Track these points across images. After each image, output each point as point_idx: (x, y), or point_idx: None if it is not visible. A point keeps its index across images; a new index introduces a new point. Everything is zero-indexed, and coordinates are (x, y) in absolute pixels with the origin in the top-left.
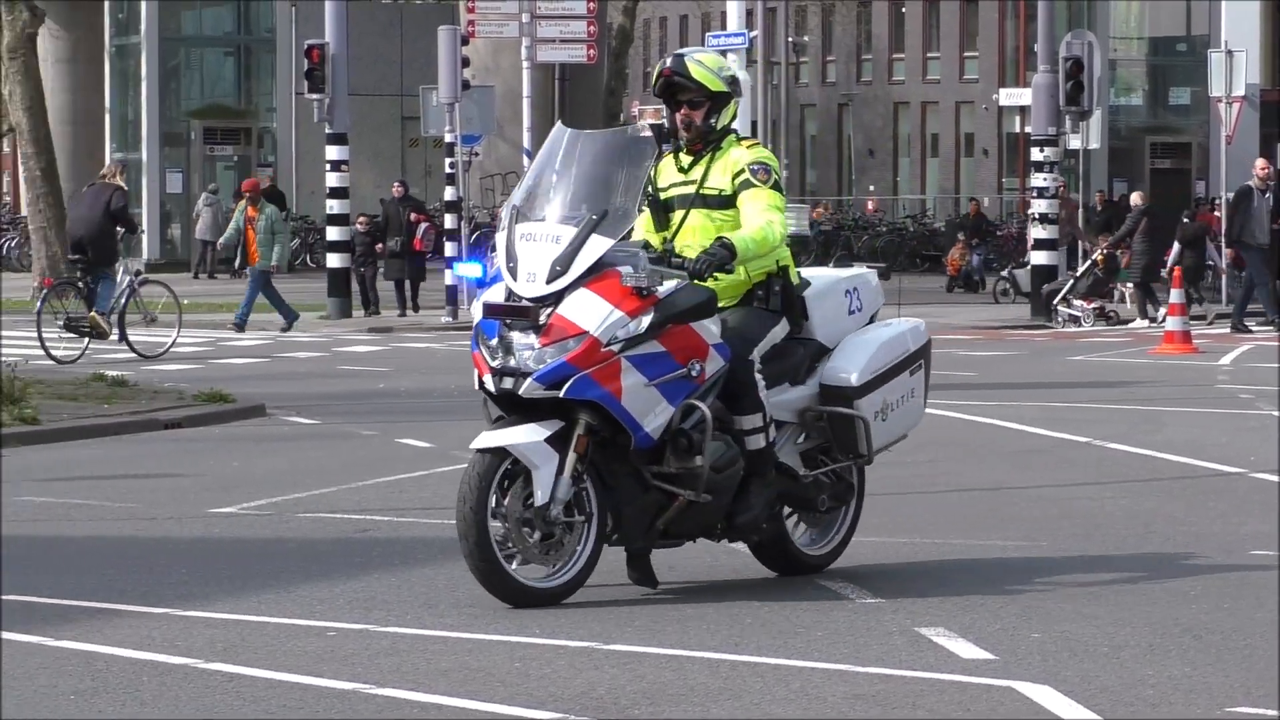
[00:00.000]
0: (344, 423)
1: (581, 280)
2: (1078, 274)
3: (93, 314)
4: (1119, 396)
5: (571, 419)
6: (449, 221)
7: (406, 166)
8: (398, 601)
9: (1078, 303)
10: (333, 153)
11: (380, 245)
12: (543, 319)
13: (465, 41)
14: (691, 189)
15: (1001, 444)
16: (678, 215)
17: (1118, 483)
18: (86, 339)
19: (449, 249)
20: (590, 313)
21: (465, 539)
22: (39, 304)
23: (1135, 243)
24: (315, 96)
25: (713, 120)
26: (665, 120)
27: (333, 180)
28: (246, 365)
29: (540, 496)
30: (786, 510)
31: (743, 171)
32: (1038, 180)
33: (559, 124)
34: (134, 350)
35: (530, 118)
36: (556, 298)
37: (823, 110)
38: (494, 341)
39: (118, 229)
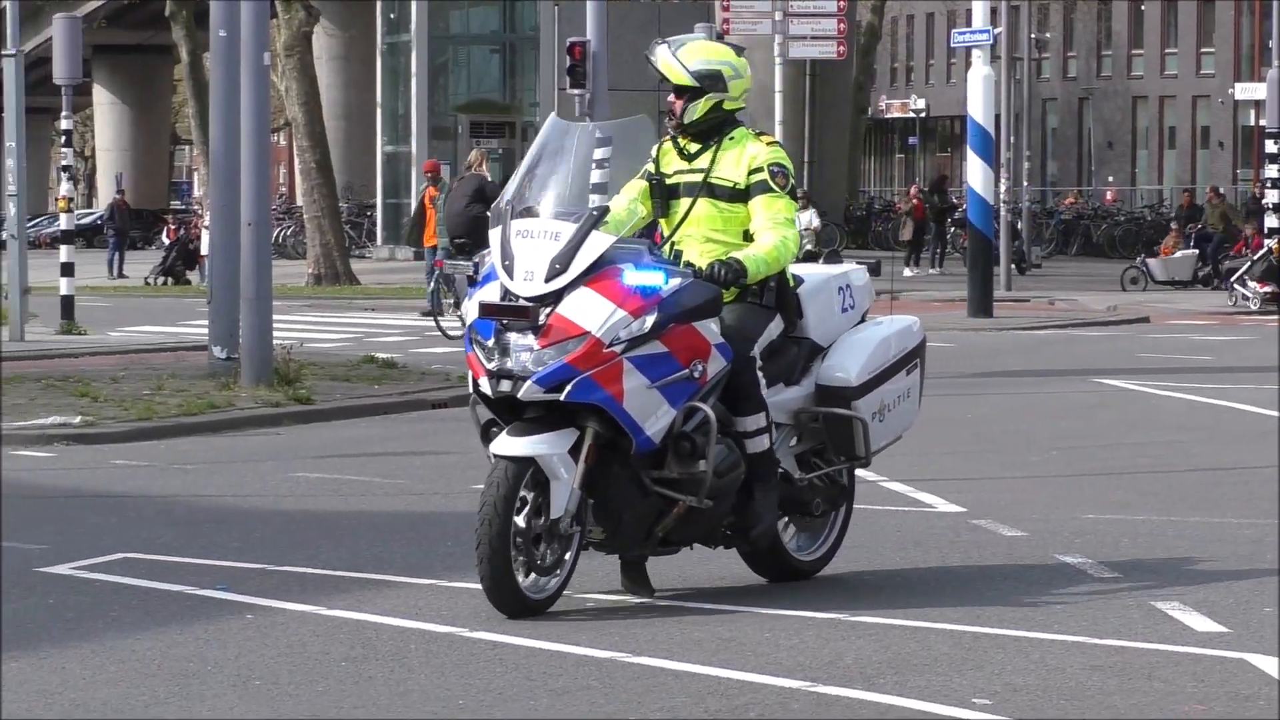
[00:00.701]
0: None
1: (582, 279)
2: (1254, 258)
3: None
4: None
5: (580, 425)
6: None
7: None
8: (652, 574)
9: (1251, 284)
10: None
11: None
12: (542, 319)
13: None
14: (699, 177)
15: (1238, 426)
16: (684, 203)
17: None
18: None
19: None
20: (591, 312)
21: (486, 559)
22: (431, 285)
23: None
24: (576, 92)
25: (690, 113)
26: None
27: (595, 176)
28: None
29: (556, 509)
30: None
31: (761, 170)
32: (1271, 172)
33: (552, 116)
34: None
35: (782, 112)
36: (556, 297)
37: (1064, 104)
38: (490, 342)
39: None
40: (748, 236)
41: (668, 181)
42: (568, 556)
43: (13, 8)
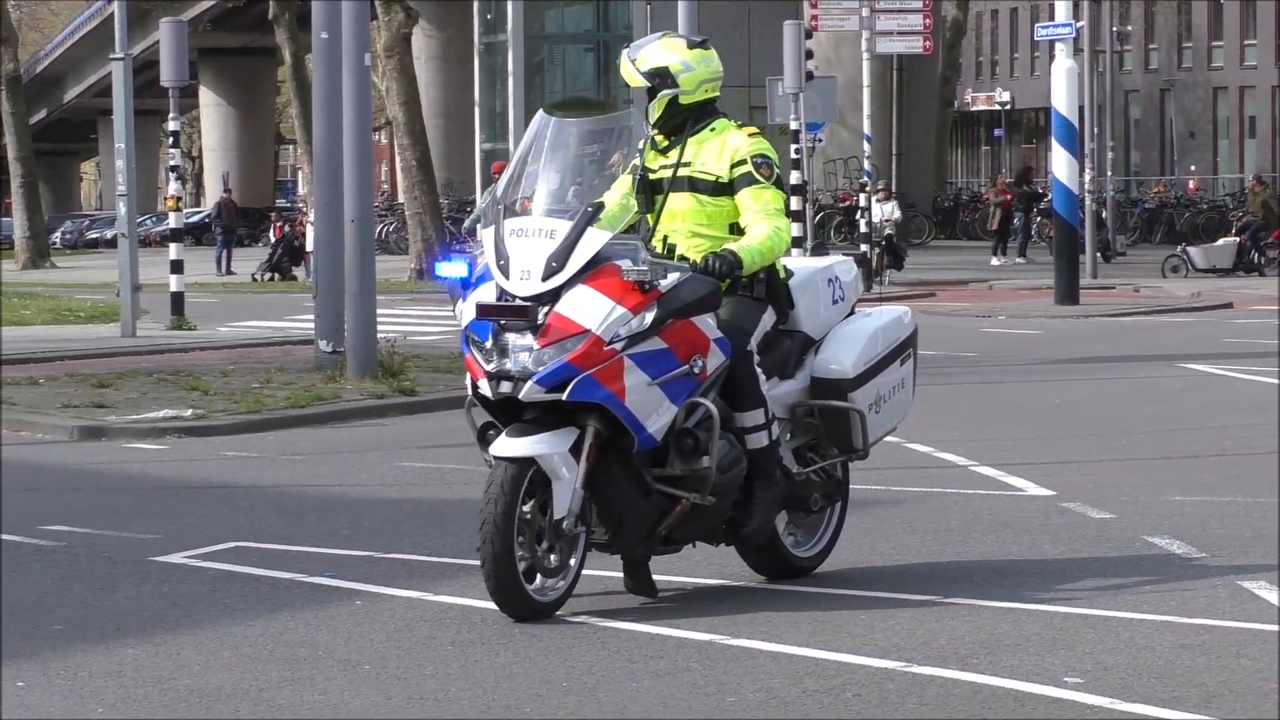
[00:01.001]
0: None
1: (579, 276)
2: None
3: None
4: None
5: (580, 425)
6: (794, 203)
7: None
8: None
9: None
10: None
11: None
12: (540, 318)
13: (809, 35)
14: (670, 170)
15: None
16: (660, 198)
17: None
18: None
19: (794, 229)
20: (591, 310)
21: (489, 543)
22: None
23: None
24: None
25: (647, 110)
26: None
27: None
28: None
29: (559, 509)
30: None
31: (744, 162)
32: None
33: (540, 112)
34: None
35: (870, 106)
36: (554, 295)
37: (1145, 95)
38: (488, 344)
39: None
40: (734, 230)
41: (650, 177)
42: (573, 559)
43: (120, 13)
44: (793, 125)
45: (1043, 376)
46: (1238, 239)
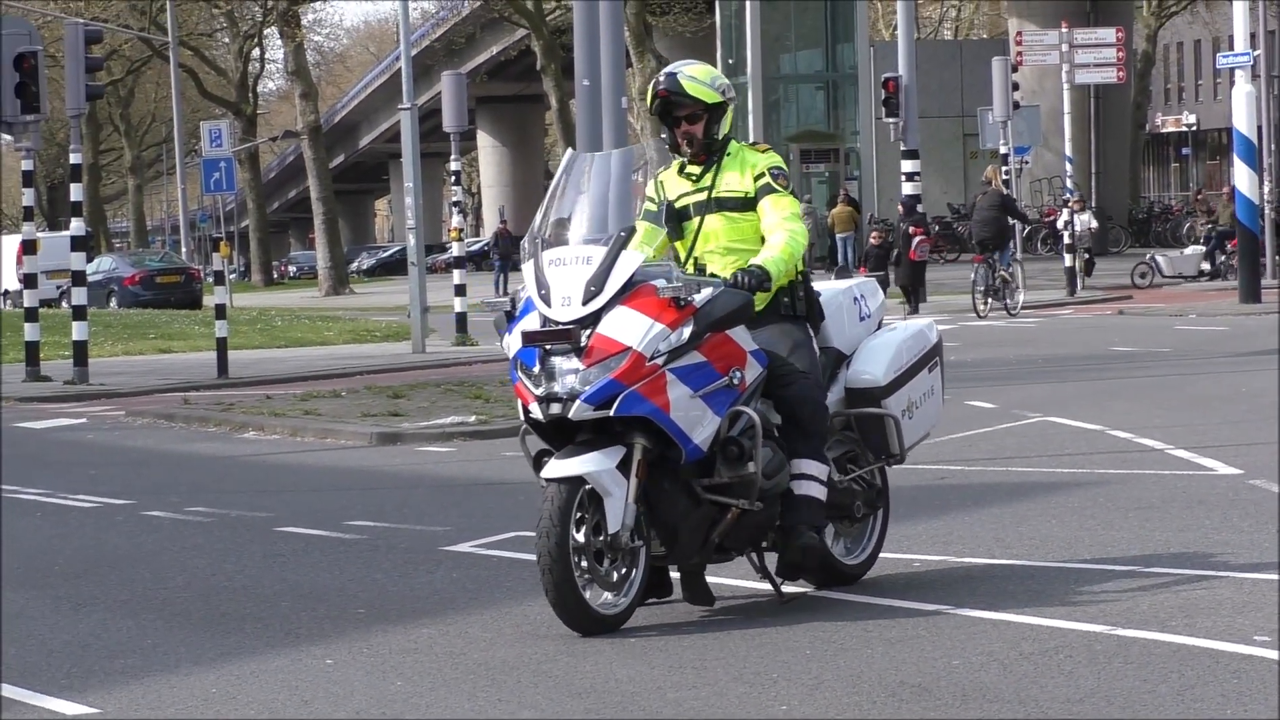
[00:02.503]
0: None
1: (617, 298)
2: None
3: (1001, 274)
4: None
5: (628, 443)
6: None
7: (968, 176)
8: (971, 536)
9: None
10: (907, 166)
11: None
12: (584, 340)
13: (1014, 69)
14: (704, 195)
15: None
16: (694, 222)
17: None
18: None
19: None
20: (631, 328)
21: (548, 573)
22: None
23: None
24: (891, 120)
25: (714, 130)
26: (666, 137)
27: (907, 189)
28: None
29: (612, 524)
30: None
31: (763, 175)
32: None
33: (569, 150)
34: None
35: (1070, 130)
36: (595, 318)
37: None
38: (536, 369)
39: (1010, 220)
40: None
41: (676, 205)
42: (635, 572)
43: (407, 68)
44: (1002, 149)
45: (1230, 368)
46: (1202, 248)
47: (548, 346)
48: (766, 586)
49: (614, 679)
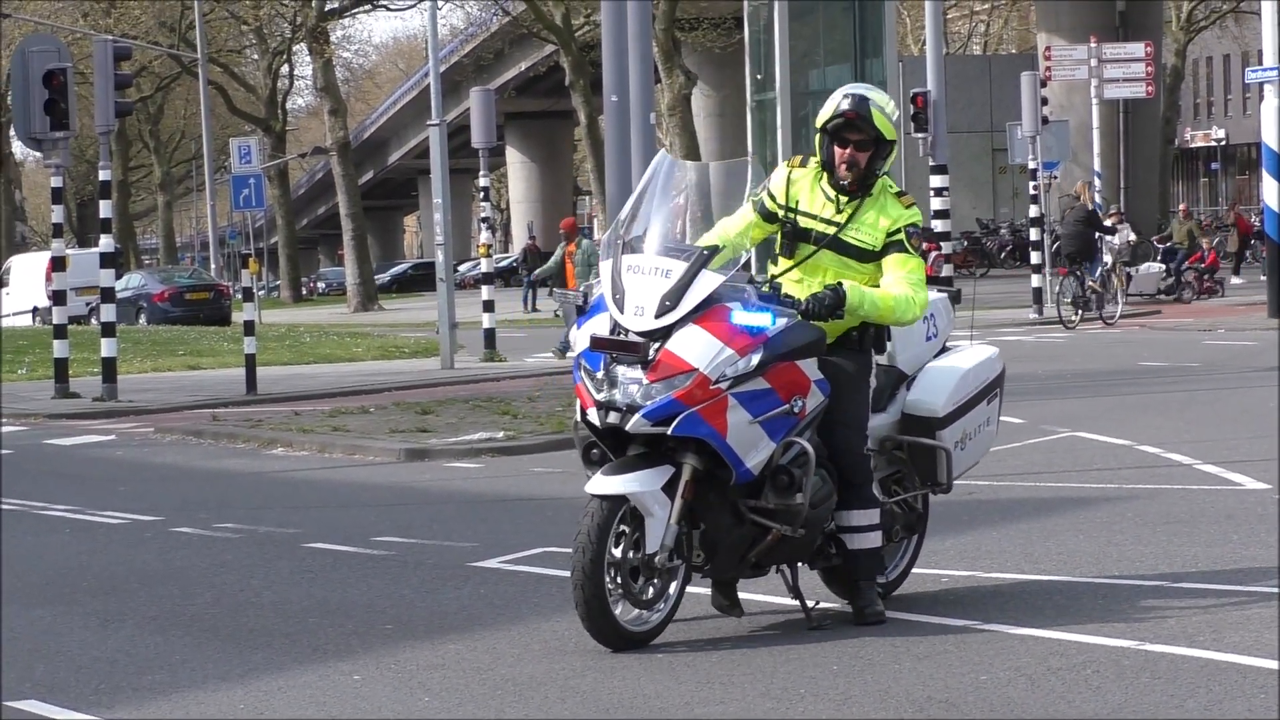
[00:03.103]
0: None
1: (691, 316)
2: None
3: (1091, 285)
4: None
5: (677, 462)
6: (1033, 234)
7: (997, 190)
8: (999, 552)
9: None
10: (936, 181)
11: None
12: (651, 354)
13: (1043, 84)
14: (832, 230)
15: None
16: (808, 250)
17: None
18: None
19: (1034, 258)
20: (700, 350)
21: (580, 589)
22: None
23: None
24: (921, 135)
25: (877, 166)
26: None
27: (936, 204)
28: None
29: (651, 544)
30: None
31: (899, 231)
32: None
33: (661, 152)
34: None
35: (1099, 145)
36: (665, 333)
37: None
38: (599, 374)
39: (1095, 233)
40: None
41: (801, 223)
42: (671, 589)
43: (435, 84)
44: (1030, 165)
45: (1259, 382)
46: (1161, 266)
47: (613, 354)
48: (795, 603)
49: (641, 695)
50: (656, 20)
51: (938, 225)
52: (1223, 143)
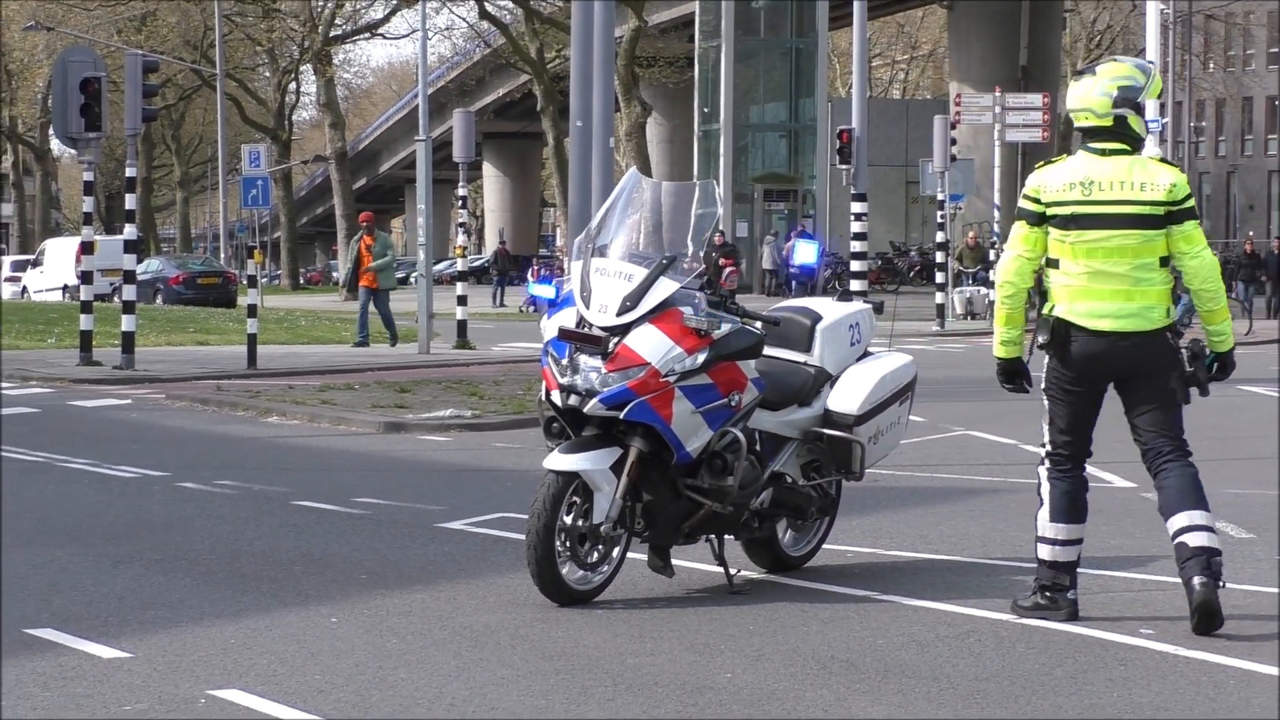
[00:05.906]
0: None
1: (648, 316)
2: None
3: None
4: None
5: (625, 445)
6: (939, 256)
7: (909, 217)
8: (898, 532)
9: None
10: (856, 208)
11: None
12: (610, 347)
13: (953, 126)
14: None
15: None
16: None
17: None
18: None
19: (938, 277)
20: (653, 346)
21: (533, 549)
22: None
23: None
24: (844, 167)
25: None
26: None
27: (855, 228)
28: None
29: (598, 516)
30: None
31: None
32: None
33: (632, 169)
34: None
35: (999, 181)
36: (624, 329)
37: (1215, 176)
38: (564, 361)
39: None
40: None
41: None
42: (614, 554)
43: (423, 105)
44: (939, 196)
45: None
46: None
47: (578, 345)
48: (720, 569)
49: (582, 645)
50: (619, 57)
51: (856, 246)
52: None
